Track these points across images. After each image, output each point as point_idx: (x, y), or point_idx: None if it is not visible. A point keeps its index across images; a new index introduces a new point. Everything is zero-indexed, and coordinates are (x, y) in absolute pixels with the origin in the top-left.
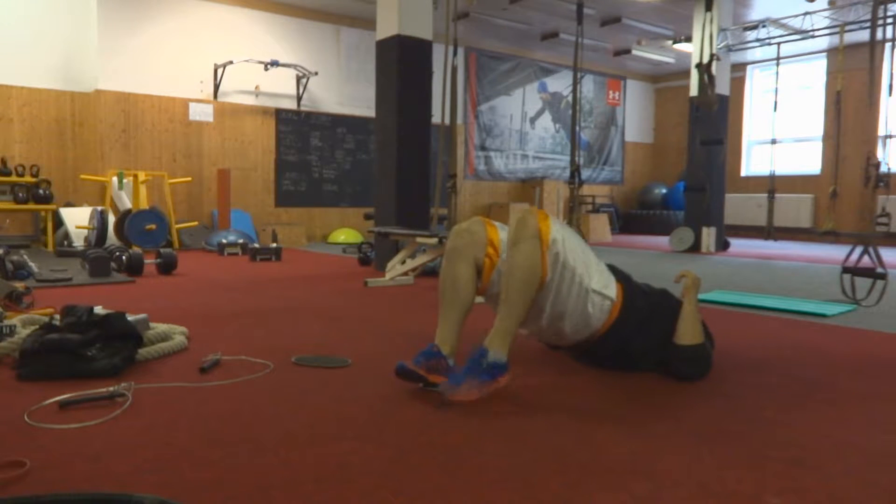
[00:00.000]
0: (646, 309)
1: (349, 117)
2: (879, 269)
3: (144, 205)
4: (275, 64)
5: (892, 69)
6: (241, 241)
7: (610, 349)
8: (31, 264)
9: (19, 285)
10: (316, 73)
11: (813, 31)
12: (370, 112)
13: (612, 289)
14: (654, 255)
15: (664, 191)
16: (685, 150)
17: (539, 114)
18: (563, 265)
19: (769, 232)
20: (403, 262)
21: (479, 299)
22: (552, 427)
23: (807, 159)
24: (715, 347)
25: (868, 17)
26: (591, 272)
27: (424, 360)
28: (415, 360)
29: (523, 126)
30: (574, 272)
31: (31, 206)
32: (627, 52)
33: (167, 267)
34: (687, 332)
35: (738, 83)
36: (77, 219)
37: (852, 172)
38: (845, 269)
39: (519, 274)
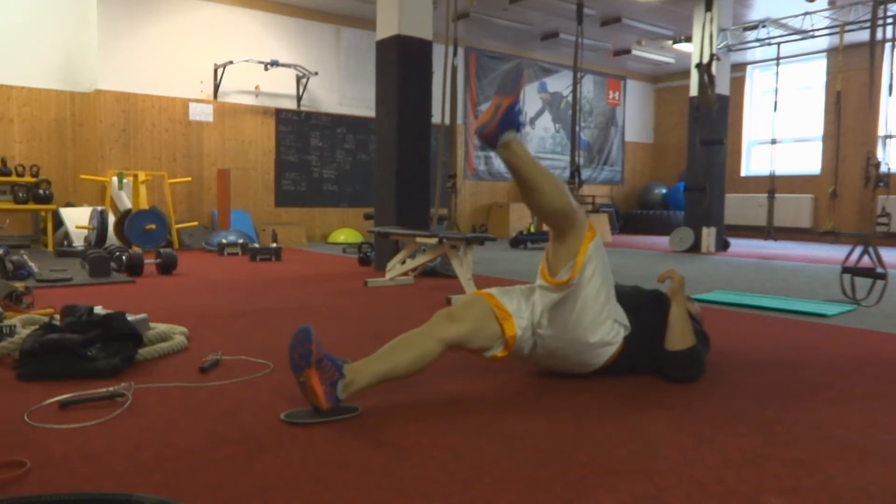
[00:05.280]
0: (648, 331)
1: (349, 117)
2: (879, 269)
3: (144, 205)
4: (275, 64)
5: (892, 69)
6: (241, 241)
7: (615, 373)
8: (31, 264)
9: (19, 285)
10: (316, 73)
11: (813, 31)
12: (370, 112)
13: (619, 335)
14: (654, 255)
15: (664, 191)
16: (685, 150)
17: (539, 114)
18: (585, 287)
19: (769, 232)
20: (403, 262)
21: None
22: (552, 427)
23: (807, 159)
24: (711, 346)
25: (868, 17)
26: (597, 325)
27: (327, 358)
28: (321, 348)
29: (523, 126)
30: (583, 308)
31: (31, 206)
32: (627, 52)
33: (167, 267)
34: (676, 338)
35: (738, 83)
36: (77, 219)
37: (852, 172)
38: (845, 269)
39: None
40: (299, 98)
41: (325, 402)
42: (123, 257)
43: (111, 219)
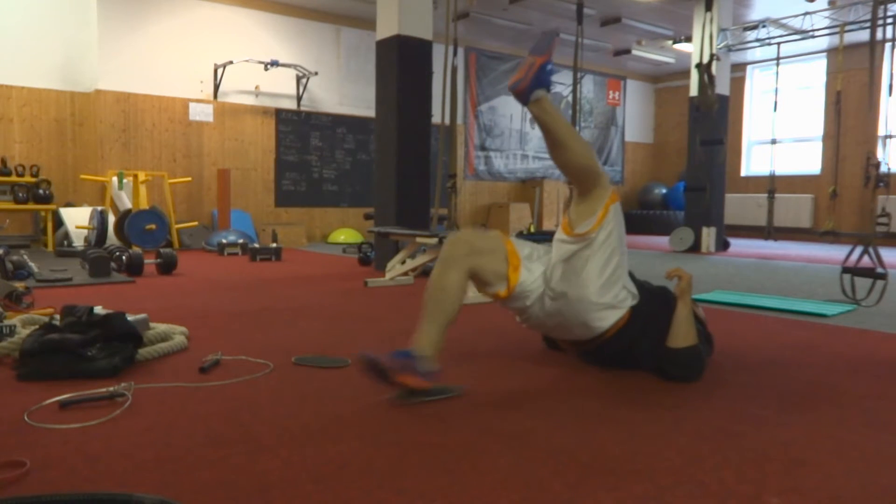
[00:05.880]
0: (653, 313)
1: (349, 117)
2: (879, 269)
3: (144, 205)
4: (275, 64)
5: (892, 69)
6: (241, 241)
7: (615, 351)
8: (31, 264)
9: (19, 285)
10: (316, 73)
11: (813, 31)
12: (370, 112)
13: (626, 302)
14: (654, 255)
15: (664, 191)
16: (685, 150)
17: None
18: (601, 245)
19: (769, 232)
20: (403, 262)
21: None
22: (552, 427)
23: (807, 159)
24: (714, 347)
25: (868, 17)
26: (607, 286)
27: (393, 357)
28: (389, 359)
29: (523, 126)
30: (596, 265)
31: (31, 206)
32: (627, 52)
33: (167, 267)
34: (680, 335)
35: (738, 83)
36: (77, 219)
37: (852, 172)
38: (845, 269)
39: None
40: (299, 98)
41: (426, 383)
42: (123, 257)
43: (111, 219)
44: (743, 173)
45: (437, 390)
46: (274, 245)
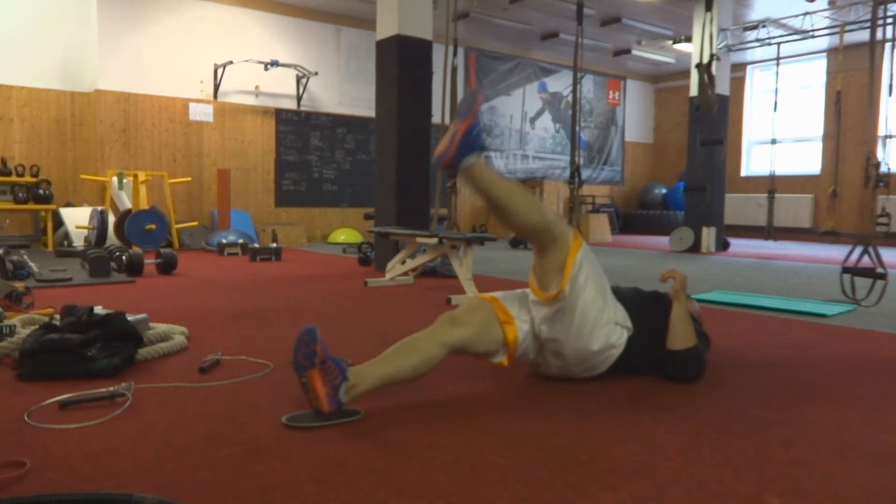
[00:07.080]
0: (648, 331)
1: (349, 117)
2: (879, 269)
3: (144, 205)
4: (275, 64)
5: (892, 69)
6: (241, 241)
7: (617, 371)
8: (31, 264)
9: (19, 285)
10: (316, 73)
11: (813, 31)
12: (370, 112)
13: (623, 337)
14: (654, 255)
15: (664, 191)
16: (685, 150)
17: (539, 114)
18: (579, 294)
19: (769, 232)
20: (403, 262)
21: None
22: (552, 427)
23: (807, 159)
24: (711, 347)
25: (868, 17)
26: (598, 331)
27: (331, 360)
28: (326, 350)
29: (523, 126)
30: (581, 314)
31: (31, 206)
32: (627, 52)
33: (167, 267)
34: (678, 337)
35: (738, 83)
36: (77, 219)
37: (852, 172)
38: (845, 269)
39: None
40: (299, 98)
41: (328, 405)
42: (123, 257)
43: (111, 219)
44: (743, 173)
45: (337, 413)
46: (274, 245)
